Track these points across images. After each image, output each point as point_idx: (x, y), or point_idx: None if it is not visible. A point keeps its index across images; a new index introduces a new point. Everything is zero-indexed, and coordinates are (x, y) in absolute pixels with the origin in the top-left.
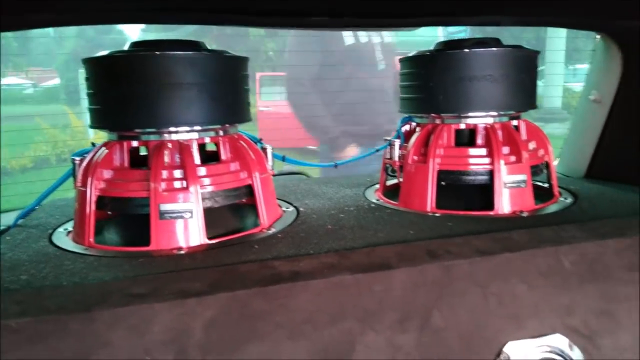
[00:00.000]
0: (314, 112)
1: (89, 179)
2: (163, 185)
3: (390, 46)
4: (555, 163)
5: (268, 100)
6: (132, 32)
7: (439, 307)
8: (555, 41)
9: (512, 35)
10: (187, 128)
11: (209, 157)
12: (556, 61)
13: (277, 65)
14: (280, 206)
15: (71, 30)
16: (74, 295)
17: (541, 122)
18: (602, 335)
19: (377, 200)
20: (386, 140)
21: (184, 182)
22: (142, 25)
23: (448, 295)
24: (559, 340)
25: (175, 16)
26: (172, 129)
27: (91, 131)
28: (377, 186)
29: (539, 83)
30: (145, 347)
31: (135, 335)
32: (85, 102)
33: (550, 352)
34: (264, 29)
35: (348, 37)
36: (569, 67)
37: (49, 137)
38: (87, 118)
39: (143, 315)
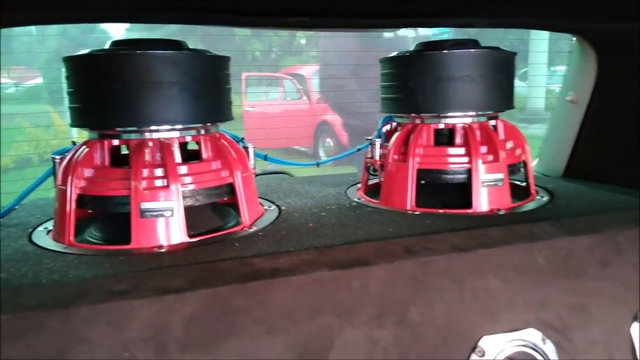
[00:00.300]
0: (359, 106)
1: (69, 178)
2: (144, 183)
3: (427, 39)
4: (534, 163)
5: (254, 100)
6: (116, 32)
7: (416, 302)
8: (538, 43)
9: (496, 37)
10: (168, 127)
11: (191, 156)
12: (539, 62)
13: (264, 65)
14: (262, 205)
15: (54, 29)
16: (53, 293)
17: (524, 122)
18: (574, 329)
19: (359, 199)
20: (367, 139)
21: (165, 181)
22: (127, 25)
23: (424, 291)
24: (533, 335)
25: (152, 15)
26: (153, 127)
27: (74, 131)
28: (359, 185)
29: (523, 84)
30: (124, 343)
31: (114, 331)
32: (67, 102)
33: (524, 346)
34: (250, 30)
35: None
36: (551, 69)
37: (31, 137)
38: (69, 118)
39: (122, 312)
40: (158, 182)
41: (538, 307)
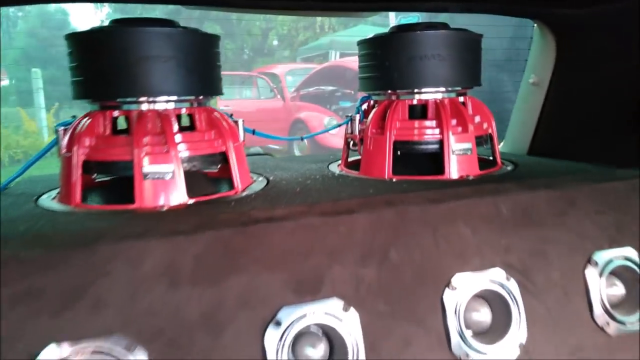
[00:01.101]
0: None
1: (75, 146)
2: (146, 149)
3: None
4: (501, 144)
5: (228, 99)
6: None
7: (395, 246)
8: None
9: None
10: (165, 98)
11: (184, 130)
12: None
13: (237, 64)
14: (251, 177)
15: (21, 29)
16: (74, 236)
17: None
18: (535, 271)
19: (340, 171)
20: (347, 116)
21: (165, 147)
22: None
23: (403, 236)
24: (498, 274)
25: None
26: (151, 99)
27: (45, 131)
28: (340, 161)
29: None
30: (141, 278)
31: (132, 267)
32: (37, 102)
33: (491, 282)
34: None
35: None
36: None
37: (1, 138)
38: (39, 118)
39: (138, 250)
40: (158, 148)
41: (503, 252)
